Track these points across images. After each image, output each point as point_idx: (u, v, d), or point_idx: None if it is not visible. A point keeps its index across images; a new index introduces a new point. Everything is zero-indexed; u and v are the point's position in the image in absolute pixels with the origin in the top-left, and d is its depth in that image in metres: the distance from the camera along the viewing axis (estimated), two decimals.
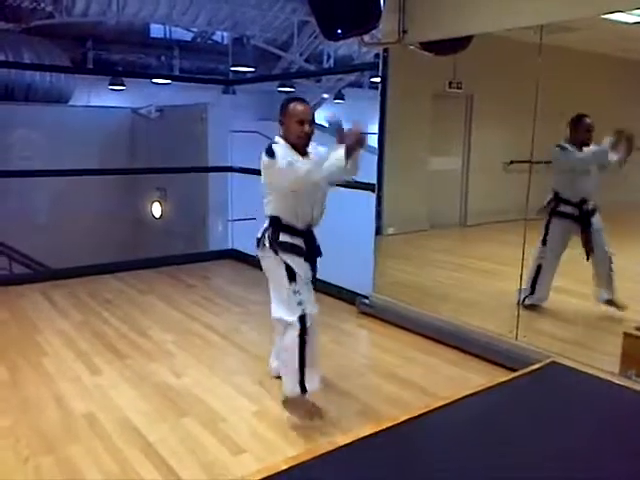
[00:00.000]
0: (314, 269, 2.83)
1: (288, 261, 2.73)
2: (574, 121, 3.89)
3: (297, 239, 2.75)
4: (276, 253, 2.73)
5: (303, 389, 2.74)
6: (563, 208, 3.95)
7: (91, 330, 4.02)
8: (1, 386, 3.14)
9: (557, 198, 3.97)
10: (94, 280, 5.32)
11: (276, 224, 2.74)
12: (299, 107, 2.70)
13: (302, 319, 2.71)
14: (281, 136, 2.73)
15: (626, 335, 3.05)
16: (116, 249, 7.32)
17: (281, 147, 2.66)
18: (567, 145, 3.90)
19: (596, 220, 3.90)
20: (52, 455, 2.49)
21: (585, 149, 3.88)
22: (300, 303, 2.72)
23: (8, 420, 2.77)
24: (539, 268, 4.03)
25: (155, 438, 2.63)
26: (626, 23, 3.39)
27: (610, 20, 3.27)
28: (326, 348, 3.41)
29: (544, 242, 4.03)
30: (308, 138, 2.72)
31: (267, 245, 2.75)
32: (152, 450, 2.53)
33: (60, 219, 8.26)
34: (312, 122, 2.71)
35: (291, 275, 2.73)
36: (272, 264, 2.78)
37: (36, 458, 2.46)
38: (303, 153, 2.71)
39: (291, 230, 2.74)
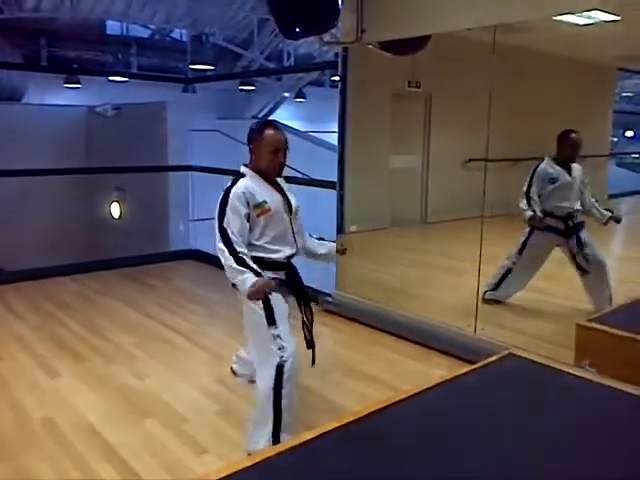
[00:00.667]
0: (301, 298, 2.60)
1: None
2: (561, 137, 3.92)
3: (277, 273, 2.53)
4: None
5: (276, 441, 2.37)
6: (548, 221, 3.96)
7: (49, 334, 3.93)
8: None
9: (542, 211, 3.96)
10: (51, 282, 5.20)
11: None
12: (273, 135, 2.46)
13: (279, 369, 2.37)
14: (248, 165, 2.52)
15: (579, 326, 3.15)
16: (74, 251, 7.16)
17: (237, 194, 2.41)
18: (553, 164, 3.95)
19: (584, 235, 3.94)
20: (8, 463, 2.42)
21: (573, 165, 3.94)
22: (280, 349, 2.39)
23: None
24: (508, 271, 4.11)
25: (117, 441, 2.59)
26: (577, 24, 3.50)
27: (563, 22, 3.38)
28: None
29: (520, 252, 4.08)
30: (281, 168, 2.53)
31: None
32: (114, 453, 2.50)
33: (14, 220, 8.02)
34: (286, 150, 2.50)
35: (270, 317, 2.43)
36: (247, 306, 2.50)
37: None
38: (272, 182, 2.53)
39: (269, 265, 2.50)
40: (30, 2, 9.48)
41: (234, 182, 2.47)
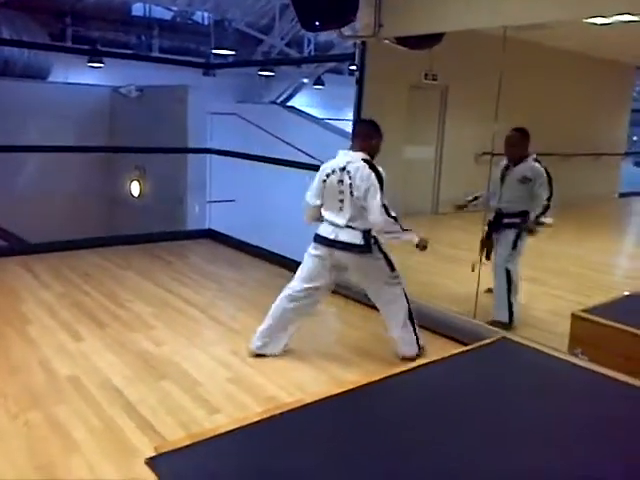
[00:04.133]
0: None
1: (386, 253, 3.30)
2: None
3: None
4: (380, 250, 3.27)
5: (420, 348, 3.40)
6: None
7: (72, 301, 4.18)
8: None
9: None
10: (73, 255, 5.45)
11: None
12: None
13: (405, 292, 3.38)
14: (365, 151, 3.24)
15: (574, 316, 3.33)
16: (94, 226, 7.43)
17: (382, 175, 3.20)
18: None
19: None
20: (40, 412, 2.67)
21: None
22: (400, 281, 3.37)
23: None
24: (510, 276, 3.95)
25: (136, 398, 2.83)
26: (594, 24, 3.59)
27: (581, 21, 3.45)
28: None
29: (514, 246, 3.97)
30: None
31: (376, 247, 3.25)
32: (133, 409, 2.74)
33: (39, 195, 8.30)
34: None
35: (391, 264, 3.32)
36: (376, 262, 3.28)
37: (25, 414, 2.65)
38: None
39: None
40: None
41: (372, 166, 3.17)
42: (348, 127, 5.21)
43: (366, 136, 3.30)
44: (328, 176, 3.22)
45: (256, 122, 8.36)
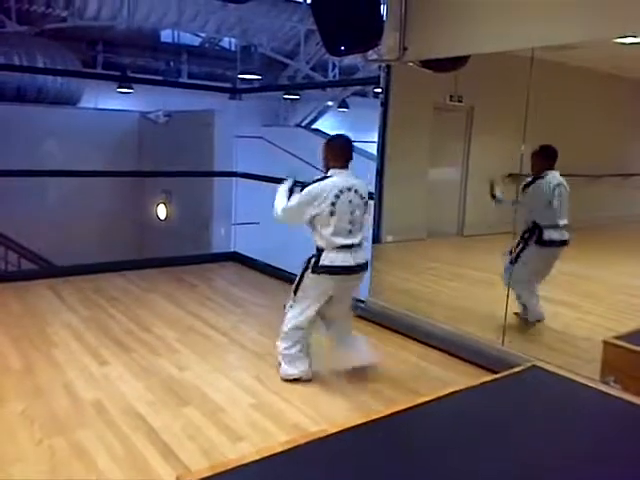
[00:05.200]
0: None
1: None
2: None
3: None
4: None
5: None
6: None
7: (98, 325, 4.21)
8: (15, 373, 3.34)
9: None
10: (100, 278, 5.51)
11: None
12: None
13: None
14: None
15: (605, 343, 3.22)
16: (121, 249, 7.51)
17: None
18: None
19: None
20: (63, 437, 2.67)
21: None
22: None
23: (22, 404, 2.96)
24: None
25: (159, 425, 2.81)
26: (623, 44, 3.54)
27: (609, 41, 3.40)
28: (323, 348, 3.58)
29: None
30: None
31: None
32: (156, 435, 2.72)
33: (68, 218, 8.46)
34: None
35: None
36: None
37: (49, 439, 2.65)
38: None
39: None
40: (90, 11, 9.99)
41: None
42: (372, 149, 5.21)
43: (350, 154, 3.29)
44: (338, 197, 3.14)
45: (282, 145, 8.42)
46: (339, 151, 3.26)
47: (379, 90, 4.80)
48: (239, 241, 6.74)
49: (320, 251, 3.19)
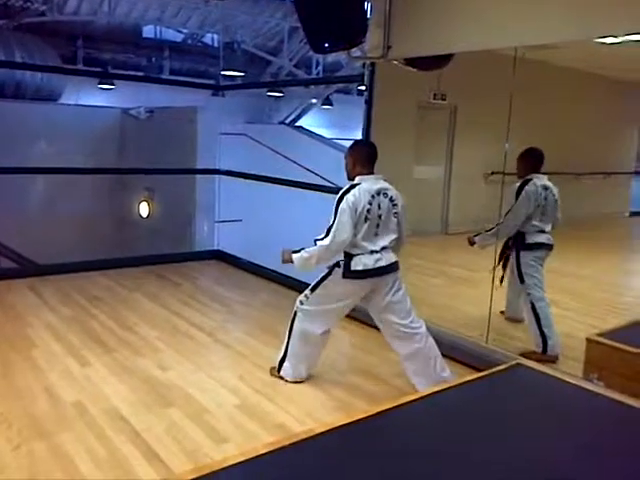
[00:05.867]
0: None
1: None
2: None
3: None
4: None
5: None
6: None
7: (79, 325, 4.15)
8: None
9: None
10: (81, 277, 5.43)
11: None
12: None
13: None
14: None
15: (589, 341, 3.25)
16: (103, 247, 7.42)
17: None
18: None
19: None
20: (44, 441, 2.62)
21: None
22: None
23: (0, 408, 2.90)
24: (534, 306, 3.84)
25: (142, 427, 2.77)
26: (604, 44, 3.56)
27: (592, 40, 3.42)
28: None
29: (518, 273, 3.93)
30: None
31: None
32: (139, 438, 2.68)
33: (48, 216, 8.34)
34: None
35: None
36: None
37: (28, 444, 2.59)
38: None
39: None
40: (70, 6, 9.85)
41: None
42: None
43: (376, 158, 3.27)
44: (371, 203, 3.09)
45: (265, 142, 8.38)
46: (366, 156, 3.22)
47: (363, 88, 4.78)
48: (222, 239, 6.69)
49: (348, 256, 3.14)
